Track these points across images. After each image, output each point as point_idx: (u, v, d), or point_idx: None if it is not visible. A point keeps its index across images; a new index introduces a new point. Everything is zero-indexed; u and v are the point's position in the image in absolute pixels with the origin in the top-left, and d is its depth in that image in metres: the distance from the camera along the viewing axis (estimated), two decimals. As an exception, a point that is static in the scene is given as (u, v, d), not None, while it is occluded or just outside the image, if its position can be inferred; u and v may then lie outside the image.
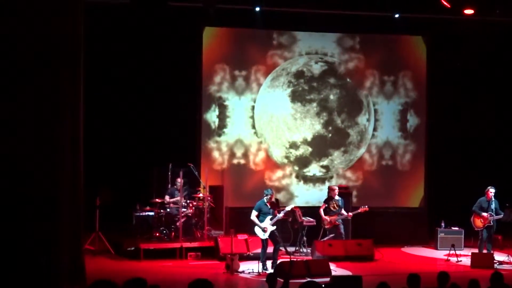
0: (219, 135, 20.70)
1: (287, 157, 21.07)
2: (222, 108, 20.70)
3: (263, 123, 20.95)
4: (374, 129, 21.48)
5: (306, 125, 21.14)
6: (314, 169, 21.19)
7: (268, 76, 20.94)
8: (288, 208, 17.21)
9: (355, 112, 21.42)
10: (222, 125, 20.71)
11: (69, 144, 13.62)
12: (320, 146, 21.22)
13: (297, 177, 21.12)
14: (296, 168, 21.10)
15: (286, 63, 21.08)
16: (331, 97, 21.29)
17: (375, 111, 21.46)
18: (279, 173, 21.02)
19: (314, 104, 21.19)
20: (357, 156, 21.41)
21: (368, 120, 21.46)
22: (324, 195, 19.57)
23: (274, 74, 20.99)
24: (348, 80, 21.40)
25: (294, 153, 21.09)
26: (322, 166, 21.22)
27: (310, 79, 21.17)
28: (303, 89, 21.16)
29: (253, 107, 20.82)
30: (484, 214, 18.06)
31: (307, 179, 21.18)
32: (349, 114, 21.38)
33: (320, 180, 21.20)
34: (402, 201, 21.56)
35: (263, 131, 20.95)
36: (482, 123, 22.32)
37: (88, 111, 14.77)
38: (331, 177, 21.20)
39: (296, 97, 21.12)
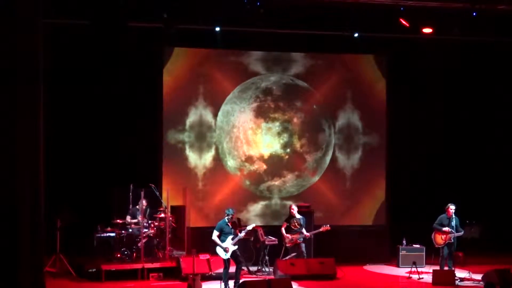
0: (180, 155, 20.68)
1: (240, 170, 21.07)
2: (183, 127, 20.69)
3: (223, 132, 20.97)
4: (333, 156, 21.53)
5: (265, 142, 21.19)
6: (264, 187, 21.21)
7: (236, 87, 21.01)
8: (249, 227, 17.13)
9: (315, 139, 21.51)
10: (183, 144, 20.69)
11: (28, 164, 13.51)
12: (275, 166, 21.27)
13: (252, 195, 21.13)
14: (248, 182, 21.10)
15: (257, 78, 21.17)
16: (295, 120, 21.36)
17: (337, 132, 21.55)
18: (239, 192, 21.04)
19: (277, 123, 21.25)
20: (310, 182, 21.45)
21: (327, 149, 21.54)
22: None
23: (242, 86, 21.05)
24: (314, 106, 21.49)
25: (248, 167, 21.10)
26: (273, 186, 21.25)
27: (277, 98, 21.25)
28: (269, 107, 21.24)
29: (214, 125, 20.83)
30: (445, 228, 18.17)
31: (258, 197, 21.21)
32: (309, 140, 21.46)
33: (273, 198, 21.29)
34: (364, 219, 21.65)
35: (222, 139, 20.96)
36: (442, 140, 22.54)
37: (47, 130, 14.67)
38: (284, 197, 21.29)
39: (260, 113, 21.19)
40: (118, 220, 18.59)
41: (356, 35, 20.62)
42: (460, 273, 18.16)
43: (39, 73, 13.89)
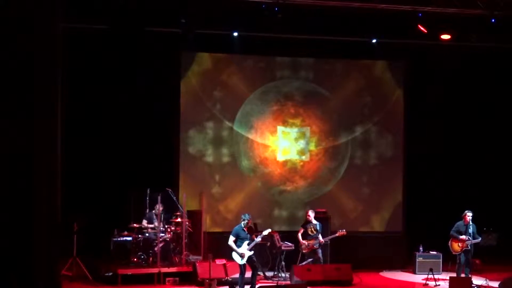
0: (197, 159, 20.70)
1: (254, 171, 21.05)
2: (201, 131, 20.71)
3: (240, 132, 20.94)
4: (349, 163, 21.48)
5: (282, 147, 21.15)
6: (276, 191, 21.18)
7: (258, 89, 21.01)
8: (265, 233, 17.04)
9: (332, 151, 21.44)
10: (200, 149, 20.71)
11: (45, 168, 13.54)
12: (289, 171, 21.23)
13: (268, 200, 21.10)
14: (259, 184, 21.06)
15: (279, 82, 21.13)
16: (313, 127, 21.31)
17: (354, 140, 21.52)
18: (255, 197, 21.02)
19: (296, 129, 21.21)
20: (323, 191, 21.37)
21: (343, 159, 21.47)
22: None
23: (264, 88, 21.06)
24: (333, 115, 21.42)
25: (262, 169, 21.06)
26: (285, 191, 21.20)
27: (298, 103, 21.22)
28: (289, 112, 21.21)
29: (231, 129, 20.85)
30: (462, 236, 18.06)
31: (273, 202, 21.18)
32: (326, 150, 21.40)
33: (286, 203, 21.26)
34: (380, 226, 21.60)
35: (239, 138, 20.95)
36: (460, 147, 22.43)
37: (65, 133, 14.71)
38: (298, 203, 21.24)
39: (280, 116, 21.17)
40: (134, 224, 18.61)
41: (374, 41, 20.60)
42: (477, 281, 18.10)
43: (57, 75, 13.92)
